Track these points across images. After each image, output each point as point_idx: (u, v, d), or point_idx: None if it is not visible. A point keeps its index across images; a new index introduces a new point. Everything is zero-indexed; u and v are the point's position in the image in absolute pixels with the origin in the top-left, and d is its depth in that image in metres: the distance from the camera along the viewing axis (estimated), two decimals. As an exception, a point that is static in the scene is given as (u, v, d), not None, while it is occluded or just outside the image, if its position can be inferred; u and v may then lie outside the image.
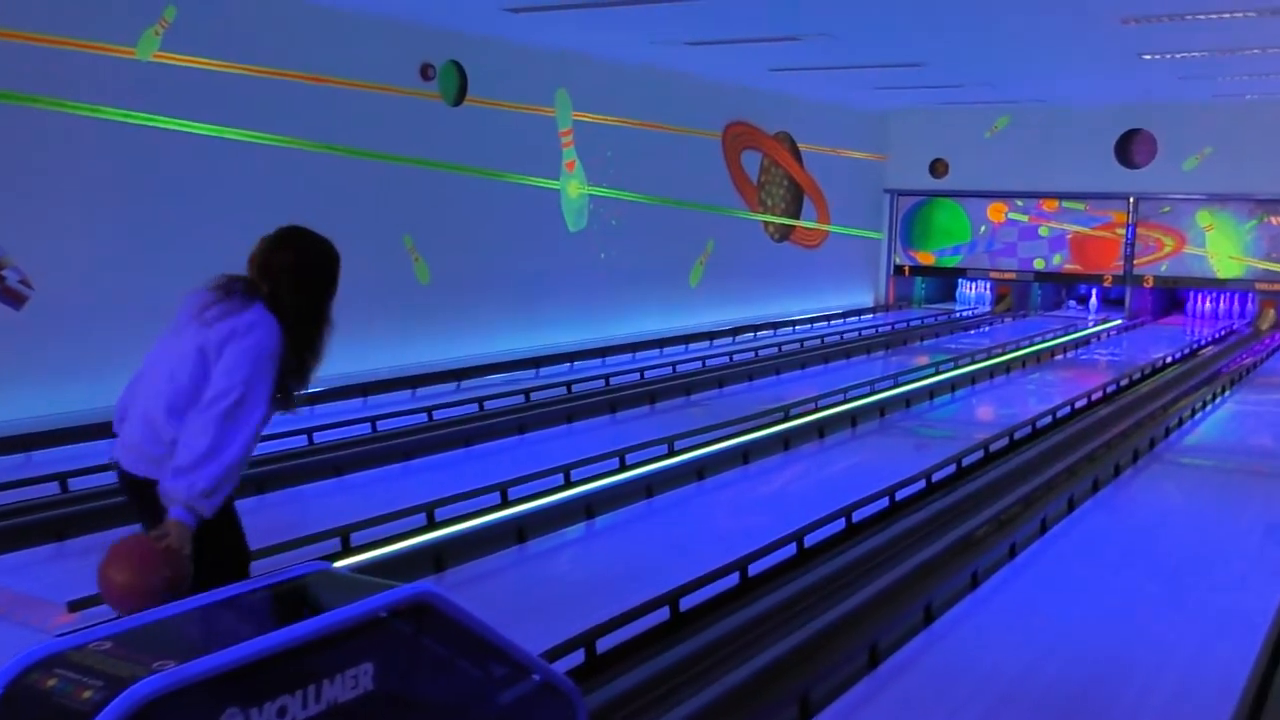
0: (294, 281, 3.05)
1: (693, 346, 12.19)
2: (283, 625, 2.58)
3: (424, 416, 7.93)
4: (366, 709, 2.64)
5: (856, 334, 13.97)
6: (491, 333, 11.14)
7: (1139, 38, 10.09)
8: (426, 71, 10.19)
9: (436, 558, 4.99)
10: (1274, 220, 15.70)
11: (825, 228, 16.83)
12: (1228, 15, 8.97)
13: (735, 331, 13.25)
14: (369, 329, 9.78)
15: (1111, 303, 17.40)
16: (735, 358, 11.43)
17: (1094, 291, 17.76)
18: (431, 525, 5.39)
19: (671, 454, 6.97)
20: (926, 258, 17.99)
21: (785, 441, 7.71)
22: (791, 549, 5.16)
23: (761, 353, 11.92)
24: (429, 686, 2.77)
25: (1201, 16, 9.03)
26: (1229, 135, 15.48)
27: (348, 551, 4.99)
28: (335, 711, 2.57)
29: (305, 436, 7.02)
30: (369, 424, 7.60)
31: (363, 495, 6.03)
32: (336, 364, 10.22)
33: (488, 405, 8.43)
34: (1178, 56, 11.17)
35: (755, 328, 13.66)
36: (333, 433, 7.24)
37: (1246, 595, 4.86)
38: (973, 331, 15.17)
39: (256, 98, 8.88)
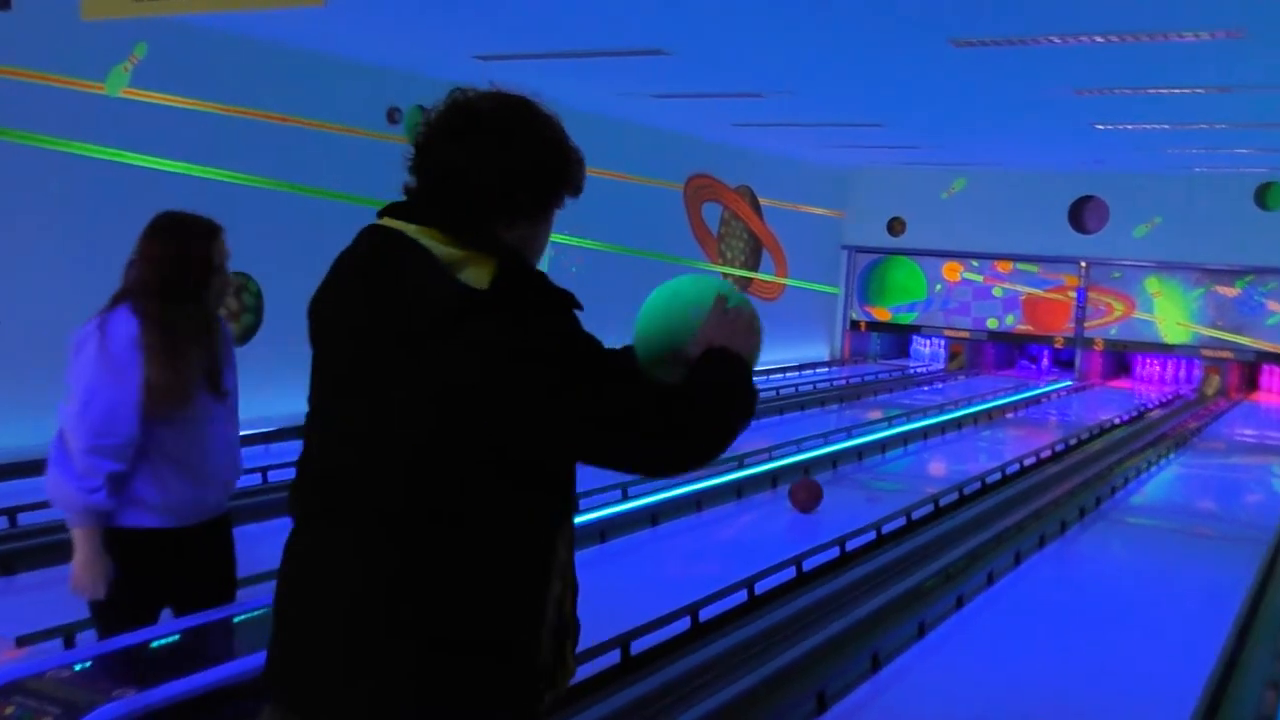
0: None
1: (650, 395, 12.22)
2: (244, 655, 2.61)
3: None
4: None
5: (812, 387, 14.11)
6: (450, 375, 11.14)
7: (1093, 108, 10.39)
8: (393, 115, 10.28)
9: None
10: (1219, 290, 16.09)
11: (783, 281, 17.04)
12: (1178, 90, 9.26)
13: (692, 381, 13.31)
14: (327, 368, 9.75)
15: (1062, 364, 17.70)
16: (692, 407, 11.49)
17: (1045, 352, 18.07)
18: (385, 564, 5.38)
19: (625, 499, 7.01)
20: (882, 314, 18.24)
21: (738, 490, 7.78)
22: (742, 595, 5.22)
23: (718, 403, 11.99)
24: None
25: (1153, 90, 9.33)
26: (1178, 206, 15.89)
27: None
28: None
29: (260, 475, 7.01)
30: (324, 463, 7.58)
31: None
32: (291, 404, 10.10)
33: (444, 447, 8.42)
34: (1130, 127, 11.49)
35: (712, 378, 13.75)
36: (287, 471, 7.22)
37: (1185, 653, 4.95)
38: (926, 388, 15.37)
39: (224, 136, 8.92)
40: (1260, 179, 15.35)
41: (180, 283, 2.98)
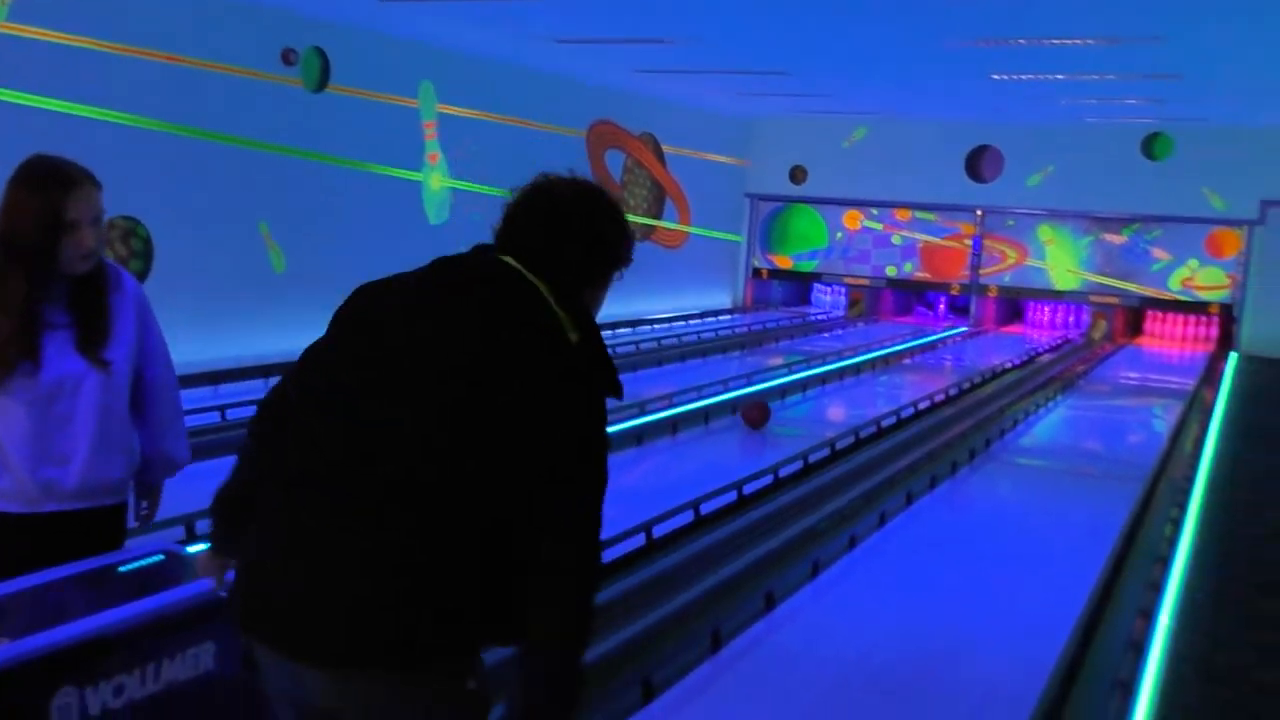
0: None
1: (553, 342, 12.19)
2: (124, 604, 2.57)
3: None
4: (207, 689, 2.65)
5: (714, 334, 14.23)
6: (349, 323, 10.98)
7: (989, 58, 10.55)
8: (288, 56, 10.02)
9: (285, 546, 4.94)
10: (1107, 237, 16.57)
11: (686, 229, 17.09)
12: (1070, 41, 9.45)
13: (596, 329, 13.32)
14: (220, 316, 9.57)
15: (958, 310, 18.10)
16: (595, 354, 11.51)
17: (942, 299, 18.45)
18: (281, 513, 5.32)
19: (527, 447, 6.99)
20: (784, 261, 18.42)
21: (639, 437, 7.84)
22: (640, 539, 5.28)
23: (620, 350, 12.05)
24: (272, 667, 2.78)
25: (1047, 42, 9.50)
26: (1070, 155, 16.28)
27: (191, 539, 4.92)
28: (175, 691, 2.58)
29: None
30: (218, 412, 7.45)
31: (209, 484, 5.89)
32: (186, 350, 9.86)
33: (343, 396, 8.32)
34: (1025, 78, 11.71)
35: (614, 325, 13.79)
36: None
37: (1065, 586, 5.15)
38: (826, 334, 15.60)
39: (109, 74, 8.60)
40: (1147, 129, 15.78)
41: (25, 237, 2.63)
